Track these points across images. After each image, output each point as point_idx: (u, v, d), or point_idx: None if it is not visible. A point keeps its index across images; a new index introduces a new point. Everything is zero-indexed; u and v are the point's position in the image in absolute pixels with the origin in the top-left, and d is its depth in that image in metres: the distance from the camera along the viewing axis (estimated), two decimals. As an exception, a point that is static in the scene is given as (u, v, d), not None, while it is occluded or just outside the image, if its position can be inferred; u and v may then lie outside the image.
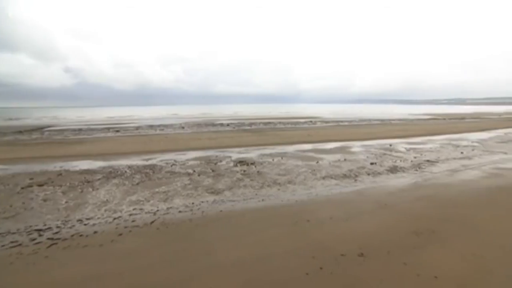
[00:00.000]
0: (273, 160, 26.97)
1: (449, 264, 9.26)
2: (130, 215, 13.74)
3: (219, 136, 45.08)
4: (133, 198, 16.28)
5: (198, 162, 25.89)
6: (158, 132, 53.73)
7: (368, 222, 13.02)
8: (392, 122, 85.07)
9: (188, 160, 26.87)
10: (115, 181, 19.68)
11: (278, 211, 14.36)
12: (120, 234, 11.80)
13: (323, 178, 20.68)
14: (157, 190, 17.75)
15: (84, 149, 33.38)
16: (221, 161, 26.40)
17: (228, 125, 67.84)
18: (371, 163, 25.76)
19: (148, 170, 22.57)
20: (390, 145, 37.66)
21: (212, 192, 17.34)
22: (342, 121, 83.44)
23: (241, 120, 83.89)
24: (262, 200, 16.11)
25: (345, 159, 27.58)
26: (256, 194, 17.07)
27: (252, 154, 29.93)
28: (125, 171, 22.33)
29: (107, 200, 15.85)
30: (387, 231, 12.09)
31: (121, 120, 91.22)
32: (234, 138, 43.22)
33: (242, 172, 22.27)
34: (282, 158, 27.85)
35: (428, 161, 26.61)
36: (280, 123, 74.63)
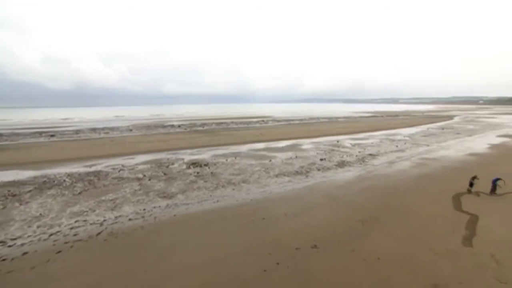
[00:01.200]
0: (226, 160, 27.23)
1: (389, 246, 10.56)
2: (72, 228, 12.75)
3: (170, 138, 43.43)
4: (75, 209, 15.11)
5: (149, 165, 24.89)
6: (102, 135, 49.55)
7: (320, 215, 14.02)
8: (339, 120, 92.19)
9: (137, 164, 25.75)
10: (51, 192, 17.93)
11: (234, 211, 14.62)
12: (59, 252, 10.81)
13: (276, 176, 21.52)
14: (103, 198, 16.75)
15: (7, 158, 29.45)
16: (173, 163, 25.82)
17: (179, 126, 65.65)
18: (321, 159, 27.66)
19: (92, 177, 21.13)
20: (338, 141, 40.99)
21: (165, 197, 16.89)
22: (293, 120, 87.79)
23: (193, 121, 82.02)
24: (217, 201, 16.17)
25: (296, 157, 29.25)
26: (210, 196, 17.03)
27: (205, 155, 29.61)
28: (64, 180, 20.55)
29: (40, 214, 14.32)
30: (337, 222, 13.17)
31: (57, 123, 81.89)
32: (186, 139, 42.06)
33: (196, 174, 21.96)
34: (235, 158, 28.29)
35: (370, 155, 29.56)
36: (232, 123, 74.92)
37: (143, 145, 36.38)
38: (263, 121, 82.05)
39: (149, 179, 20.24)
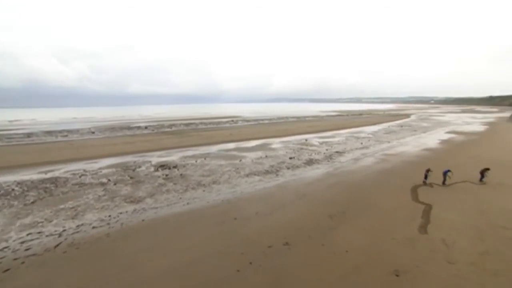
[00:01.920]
0: (196, 161, 26.73)
1: (356, 238, 11.12)
2: (22, 242, 11.56)
3: (137, 140, 41.52)
4: (27, 221, 13.74)
5: (114, 169, 23.70)
6: (60, 139, 45.79)
7: (291, 212, 14.32)
8: (307, 119, 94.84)
9: (101, 168, 24.41)
10: (-4, 203, 16.29)
11: (205, 212, 14.41)
12: (7, 270, 9.67)
13: (247, 175, 21.62)
14: (62, 206, 15.53)
15: None
16: (140, 166, 24.78)
17: (146, 127, 63.01)
18: (290, 158, 28.29)
19: (48, 185, 19.44)
20: (306, 140, 42.25)
21: (132, 201, 16.18)
22: (262, 120, 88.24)
23: (161, 122, 79.13)
24: (187, 203, 15.83)
25: (266, 156, 29.54)
26: (180, 198, 16.65)
27: (174, 156, 28.81)
28: (12, 189, 18.46)
29: (-22, 230, 12.87)
30: (307, 218, 13.56)
31: (3, 126, 73.95)
32: (154, 141, 40.51)
33: (164, 176, 21.31)
34: (205, 158, 27.87)
35: (337, 152, 30.84)
36: (202, 123, 73.65)
37: (107, 148, 34.34)
38: (232, 121, 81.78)
39: (115, 184, 19.20)
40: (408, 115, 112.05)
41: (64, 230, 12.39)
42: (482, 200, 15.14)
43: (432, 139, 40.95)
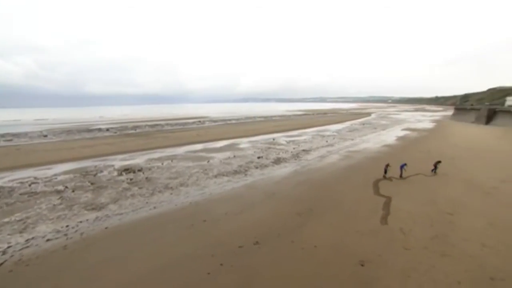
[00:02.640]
0: (162, 164, 25.86)
1: (323, 233, 11.51)
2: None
3: (97, 143, 38.82)
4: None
5: (72, 175, 21.86)
6: (2, 143, 41.16)
7: (260, 211, 14.40)
8: (274, 118, 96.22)
9: (56, 175, 22.33)
10: None
11: (173, 216, 13.97)
12: None
13: (215, 176, 21.33)
14: (7, 220, 13.85)
15: None
16: (101, 171, 23.28)
17: (107, 129, 59.19)
18: (258, 157, 28.48)
19: (-12, 196, 17.67)
20: (273, 139, 42.85)
21: (94, 209, 15.12)
22: (230, 120, 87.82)
23: (124, 124, 74.85)
24: (154, 207, 15.25)
25: (234, 156, 29.46)
26: (147, 203, 15.97)
27: (138, 159, 27.53)
28: None
29: None
30: (276, 216, 13.71)
31: None
32: (116, 144, 38.24)
33: (129, 180, 20.27)
34: (172, 161, 27.06)
35: (304, 150, 31.70)
36: (167, 124, 71.15)
37: (63, 152, 31.66)
38: (199, 121, 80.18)
39: (73, 191, 17.79)
40: (369, 114, 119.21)
41: (9, 247, 11.05)
42: (432, 190, 16.62)
43: (390, 136, 43.99)
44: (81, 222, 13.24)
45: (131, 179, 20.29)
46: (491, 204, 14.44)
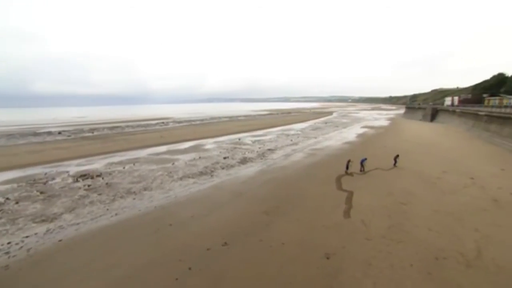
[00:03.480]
0: (124, 168, 24.50)
1: (291, 230, 11.77)
2: None
3: (48, 148, 35.32)
4: None
5: (15, 185, 19.56)
6: None
7: (227, 212, 14.29)
8: (239, 118, 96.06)
9: (-6, 185, 20.25)
10: None
11: (136, 222, 13.30)
12: None
13: (181, 178, 20.74)
14: None
15: None
16: (53, 178, 21.22)
17: (60, 133, 54.06)
18: (224, 158, 28.25)
19: None
20: (239, 139, 42.81)
21: (44, 220, 13.73)
22: (194, 121, 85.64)
23: (79, 126, 69.01)
24: (116, 214, 14.38)
25: (200, 157, 28.85)
26: (107, 210, 14.97)
27: (97, 164, 25.67)
28: None
29: None
30: (244, 216, 13.70)
31: None
32: (71, 148, 35.20)
33: (86, 187, 18.77)
34: (134, 164, 25.78)
35: (269, 149, 32.12)
36: (128, 126, 67.26)
37: (2, 160, 28.35)
38: (163, 123, 77.04)
39: (17, 202, 15.99)
40: (331, 113, 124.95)
41: None
42: (388, 183, 17.91)
43: (351, 134, 46.58)
44: (27, 237, 11.91)
45: (89, 186, 18.88)
46: (435, 193, 16.02)
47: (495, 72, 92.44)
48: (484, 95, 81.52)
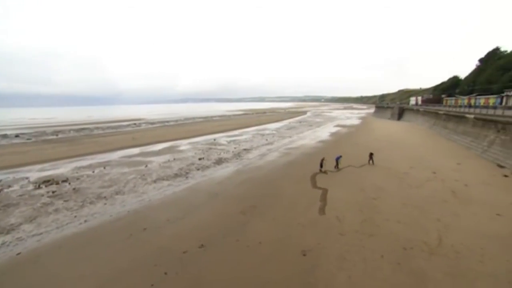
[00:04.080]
0: (93, 172, 23.23)
1: (267, 229, 11.85)
2: None
3: (2, 153, 32.48)
4: None
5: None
6: None
7: (204, 213, 14.08)
8: (214, 118, 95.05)
9: None
10: None
11: (108, 228, 12.71)
12: None
13: (155, 181, 20.13)
14: None
15: None
16: (10, 186, 19.49)
17: (17, 136, 49.88)
18: (199, 159, 27.80)
19: None
20: (214, 139, 42.27)
21: None
22: (168, 121, 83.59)
23: (40, 128, 64.20)
24: (85, 221, 13.59)
25: (174, 159, 28.17)
26: (75, 217, 14.11)
27: (63, 169, 24.07)
28: None
29: None
30: (221, 217, 13.57)
31: None
32: (31, 152, 32.68)
33: (51, 193, 17.55)
34: (105, 167, 24.58)
35: (245, 149, 32.12)
36: (98, 128, 63.81)
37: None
38: (135, 124, 74.05)
39: (-32, 213, 14.58)
40: (305, 112, 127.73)
41: None
42: (360, 179, 18.67)
43: (325, 133, 47.94)
44: (-24, 253, 10.77)
45: (53, 192, 17.69)
46: (403, 187, 16.95)
47: (451, 75, 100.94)
48: (443, 96, 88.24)
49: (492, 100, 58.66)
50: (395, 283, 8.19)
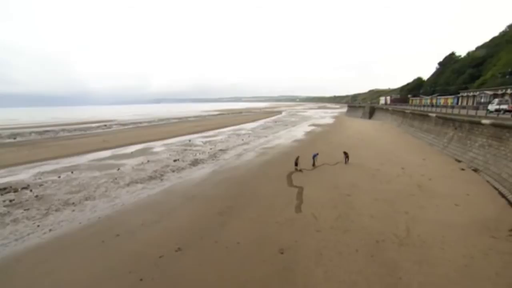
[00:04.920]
0: (59, 177, 21.74)
1: (245, 229, 11.83)
2: None
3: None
4: None
5: None
6: None
7: (180, 216, 13.76)
8: (189, 119, 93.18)
9: None
10: None
11: (77, 236, 11.99)
12: None
13: (128, 184, 19.39)
14: None
15: None
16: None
17: (-33, 140, 45.63)
18: (175, 160, 27.15)
19: None
20: (190, 140, 41.46)
21: None
22: (141, 122, 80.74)
23: (-5, 131, 59.24)
24: (50, 230, 12.71)
25: (148, 161, 27.25)
26: (38, 226, 13.14)
27: (23, 175, 22.34)
28: None
29: None
30: (198, 219, 13.31)
31: None
32: (-16, 157, 30.00)
33: (8, 202, 16.18)
34: (72, 172, 23.11)
35: (221, 150, 31.83)
36: (64, 130, 59.85)
37: None
38: (105, 125, 70.33)
39: None
40: (280, 112, 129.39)
41: None
42: (335, 177, 19.26)
43: (300, 132, 48.87)
44: None
45: (11, 201, 16.31)
46: (374, 183, 17.74)
47: (416, 76, 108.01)
48: (409, 96, 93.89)
49: (450, 100, 63.80)
50: (369, 275, 8.56)
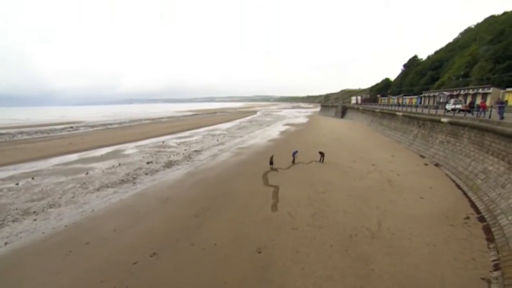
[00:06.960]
0: (17, 184, 20.04)
1: (222, 230, 11.71)
2: None
3: None
4: None
5: None
6: None
7: (155, 220, 13.33)
8: (162, 120, 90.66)
9: None
10: None
11: (40, 247, 11.16)
12: None
13: (98, 189, 18.44)
14: None
15: None
16: None
17: None
18: (148, 162, 26.26)
19: None
20: (163, 142, 40.34)
21: None
22: (111, 124, 77.26)
23: None
24: (5, 244, 11.65)
25: (120, 164, 26.17)
26: (-9, 239, 11.99)
27: (-26, 183, 20.29)
28: None
29: None
30: (173, 222, 12.99)
31: None
32: None
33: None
34: (33, 178, 21.45)
35: (196, 151, 31.29)
36: (22, 133, 55.28)
37: None
38: (72, 127, 65.85)
39: None
40: (255, 112, 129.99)
41: None
42: (310, 175, 19.70)
43: (275, 131, 49.40)
44: None
45: (-38, 211, 14.82)
46: (348, 180, 18.41)
47: (384, 77, 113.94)
48: (378, 95, 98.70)
49: (414, 100, 68.24)
50: (344, 269, 8.86)
